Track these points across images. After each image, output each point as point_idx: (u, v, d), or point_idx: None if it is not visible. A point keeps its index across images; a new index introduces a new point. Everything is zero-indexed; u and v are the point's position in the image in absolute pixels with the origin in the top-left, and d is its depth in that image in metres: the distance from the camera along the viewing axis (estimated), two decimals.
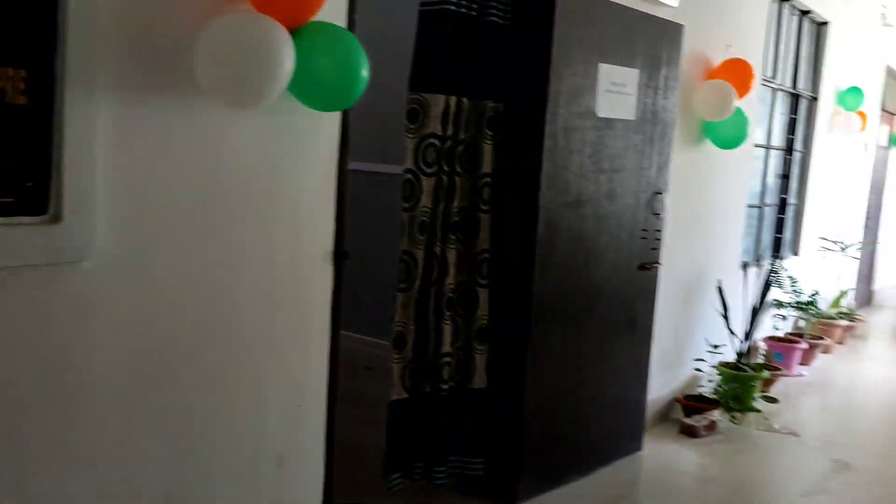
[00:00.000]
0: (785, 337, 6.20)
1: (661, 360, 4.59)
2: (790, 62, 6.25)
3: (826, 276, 7.26)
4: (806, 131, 6.71)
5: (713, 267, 5.14)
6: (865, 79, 7.76)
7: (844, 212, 7.93)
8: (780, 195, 6.49)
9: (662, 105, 3.98)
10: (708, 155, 4.86)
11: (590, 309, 3.76)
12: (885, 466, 4.34)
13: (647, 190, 3.97)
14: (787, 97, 6.34)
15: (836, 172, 7.46)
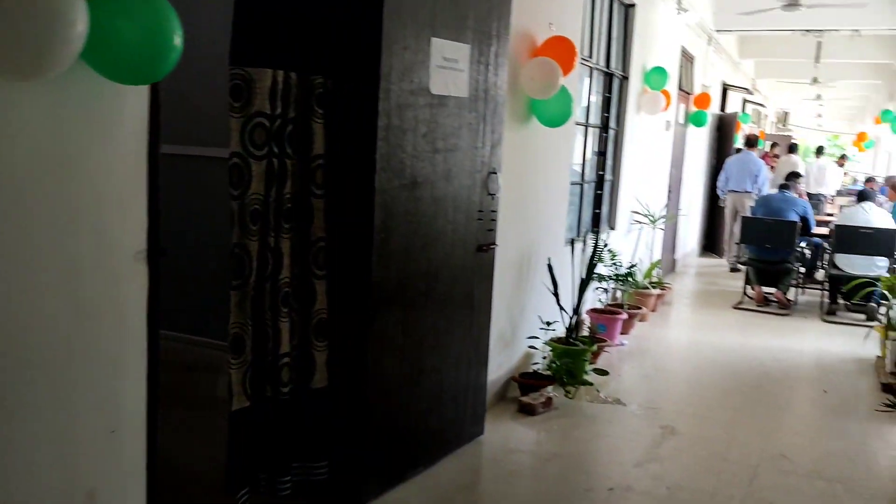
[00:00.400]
0: (606, 308, 6.43)
1: (498, 340, 4.56)
2: (603, 42, 6.43)
3: (639, 247, 7.64)
4: (619, 109, 6.97)
5: (542, 245, 5.19)
6: (666, 60, 8.21)
7: (652, 187, 8.38)
8: (598, 172, 6.70)
9: (494, 82, 3.89)
10: (535, 133, 4.86)
11: (429, 294, 3.61)
12: (705, 428, 4.57)
13: (481, 170, 3.87)
14: (602, 76, 6.54)
15: (645, 149, 7.84)
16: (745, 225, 8.29)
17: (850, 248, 7.65)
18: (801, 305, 8.25)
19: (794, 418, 4.89)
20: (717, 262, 11.65)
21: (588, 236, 6.24)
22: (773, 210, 8.22)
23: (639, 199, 7.68)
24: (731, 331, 7.21)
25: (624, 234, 7.36)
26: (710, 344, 6.67)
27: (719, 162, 12.07)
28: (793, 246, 7.97)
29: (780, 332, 7.22)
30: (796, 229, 7.91)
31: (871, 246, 7.56)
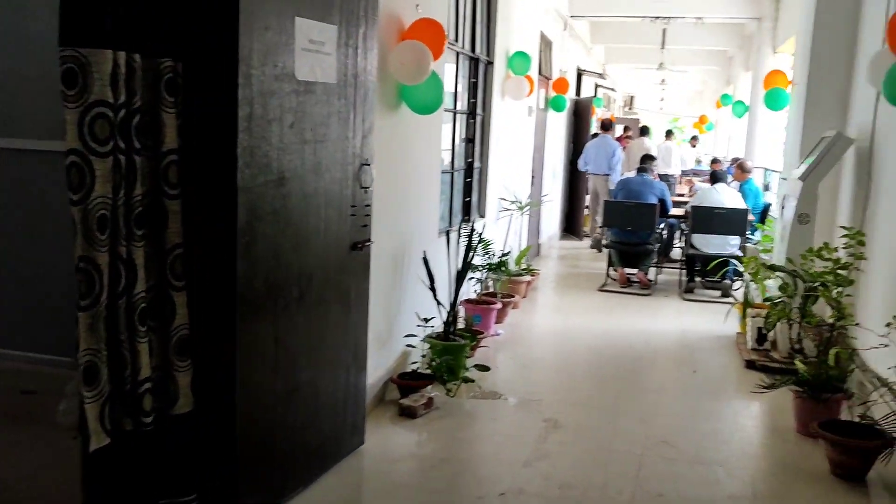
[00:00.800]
0: (480, 298, 6.32)
1: (375, 340, 4.30)
2: (468, 26, 6.27)
3: (509, 234, 7.58)
4: (485, 95, 6.85)
5: (416, 238, 4.97)
6: (527, 44, 8.18)
7: (518, 173, 8.36)
8: (467, 159, 6.55)
9: (363, 67, 3.60)
10: (405, 120, 4.62)
11: (302, 299, 3.30)
12: (587, 418, 4.53)
13: (353, 162, 3.59)
14: (468, 61, 6.38)
15: (510, 135, 7.79)
16: (608, 209, 8.44)
17: (706, 229, 7.94)
18: (660, 284, 8.50)
19: (669, 401, 4.95)
20: (578, 244, 11.92)
21: (461, 226, 6.08)
22: (632, 193, 8.41)
23: (506, 185, 7.63)
24: (600, 314, 7.30)
25: (494, 222, 7.28)
26: (582, 328, 6.71)
27: (577, 146, 12.33)
28: (653, 228, 8.19)
29: (646, 313, 7.39)
30: (656, 211, 8.13)
31: (724, 225, 7.88)
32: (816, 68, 6.02)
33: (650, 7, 11.21)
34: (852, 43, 5.85)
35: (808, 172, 5.43)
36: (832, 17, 5.92)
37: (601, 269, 8.98)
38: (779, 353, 5.59)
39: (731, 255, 7.92)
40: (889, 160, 4.78)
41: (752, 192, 9.03)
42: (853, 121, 5.74)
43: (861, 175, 5.29)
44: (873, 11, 5.43)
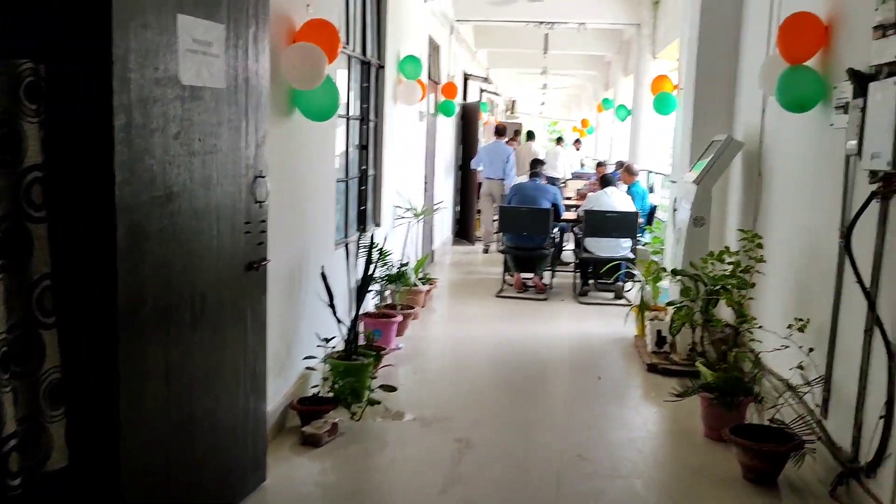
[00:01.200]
0: (380, 312, 6.07)
1: (273, 365, 3.98)
2: (359, 29, 6.01)
3: (407, 243, 7.37)
4: (377, 100, 6.61)
5: (313, 251, 4.68)
6: (417, 48, 8.01)
7: (411, 179, 8.16)
8: (361, 167, 6.29)
9: (255, 70, 3.30)
10: (298, 127, 4.32)
11: (196, 326, 2.97)
12: (500, 435, 4.37)
13: (247, 174, 3.27)
14: (360, 65, 6.12)
15: (403, 141, 7.58)
16: (503, 215, 8.37)
17: (599, 232, 8.00)
18: (555, 288, 8.52)
19: (579, 411, 4.87)
20: (470, 248, 11.85)
21: (360, 237, 5.81)
22: (527, 198, 8.39)
23: (400, 192, 7.42)
24: (500, 321, 7.21)
25: (390, 230, 7.05)
26: (484, 337, 6.58)
27: (466, 150, 12.28)
28: (548, 232, 8.18)
29: (545, 318, 7.36)
30: (550, 216, 8.13)
31: (616, 229, 7.97)
32: (703, 74, 6.15)
33: (534, 12, 11.28)
34: (735, 49, 6.00)
35: (702, 176, 5.50)
36: (715, 24, 6.05)
37: (496, 275, 8.92)
38: (678, 356, 5.64)
39: (624, 257, 8.03)
40: (778, 162, 4.90)
41: (640, 195, 9.21)
42: (740, 124, 5.88)
43: (751, 177, 5.41)
44: (755, 18, 5.57)
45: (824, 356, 3.87)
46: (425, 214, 7.93)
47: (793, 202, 4.57)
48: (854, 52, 3.76)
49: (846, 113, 3.59)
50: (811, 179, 4.28)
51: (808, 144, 4.34)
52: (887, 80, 3.05)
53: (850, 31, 3.86)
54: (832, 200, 3.90)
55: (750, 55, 5.70)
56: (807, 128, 4.35)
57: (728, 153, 5.47)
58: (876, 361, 3.35)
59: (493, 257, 10.44)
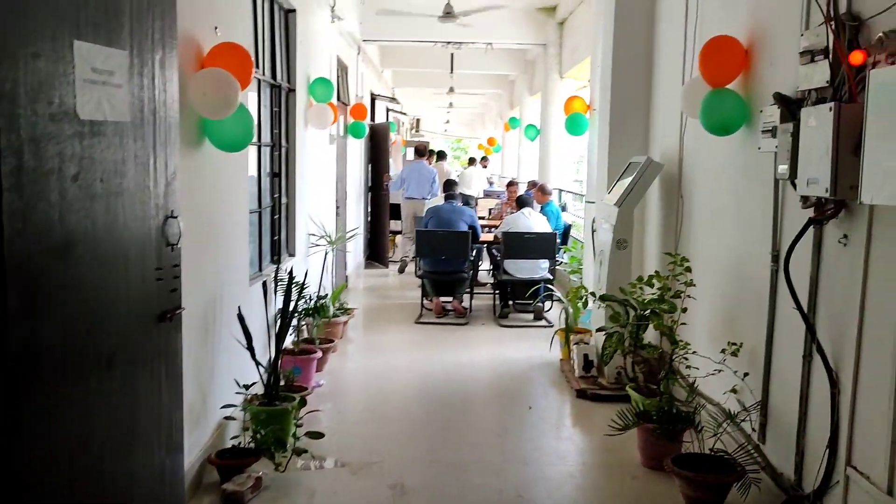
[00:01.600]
0: (299, 348, 5.75)
1: (189, 417, 3.65)
2: (268, 51, 5.73)
3: (320, 271, 7.08)
4: (288, 125, 6.32)
5: (227, 290, 4.35)
6: (327, 70, 7.76)
7: (324, 204, 7.88)
8: (274, 195, 5.98)
9: (163, 100, 3.00)
10: (209, 159, 4.01)
11: (103, 388, 2.64)
12: (434, 477, 4.16)
13: (157, 215, 2.97)
14: (270, 89, 5.83)
15: (315, 166, 7.30)
16: (420, 238, 8.19)
17: (517, 254, 7.93)
18: (474, 311, 8.39)
19: (513, 445, 4.70)
20: (384, 271, 11.62)
21: (277, 268, 5.49)
22: (443, 221, 8.24)
23: (314, 219, 7.13)
24: (423, 349, 7.01)
25: (304, 259, 6.75)
26: (408, 368, 6.36)
27: (375, 171, 12.06)
28: (466, 255, 8.05)
29: (467, 344, 7.20)
30: (468, 239, 8.00)
31: (535, 250, 7.92)
32: (617, 96, 6.16)
33: (441, 33, 11.22)
34: (649, 71, 6.04)
35: (623, 198, 5.48)
36: (629, 47, 6.08)
37: (414, 299, 8.74)
38: (606, 380, 5.58)
39: (543, 278, 7.98)
40: (700, 184, 4.91)
41: (554, 214, 9.21)
42: (657, 145, 5.91)
43: (671, 199, 5.42)
44: (669, 41, 5.61)
45: (759, 381, 3.84)
46: (339, 242, 7.65)
47: (717, 225, 4.57)
48: (776, 77, 3.78)
49: (774, 137, 3.58)
50: (737, 203, 4.28)
51: (733, 168, 4.35)
52: (821, 106, 3.04)
53: (771, 56, 3.88)
54: (761, 224, 3.89)
55: (665, 77, 5.74)
56: (730, 151, 4.36)
57: (648, 175, 5.46)
58: (816, 388, 3.33)
59: (409, 280, 10.27)
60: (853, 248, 3.06)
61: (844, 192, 2.94)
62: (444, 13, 7.43)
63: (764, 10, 3.99)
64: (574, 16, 10.35)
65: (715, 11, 4.72)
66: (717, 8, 4.69)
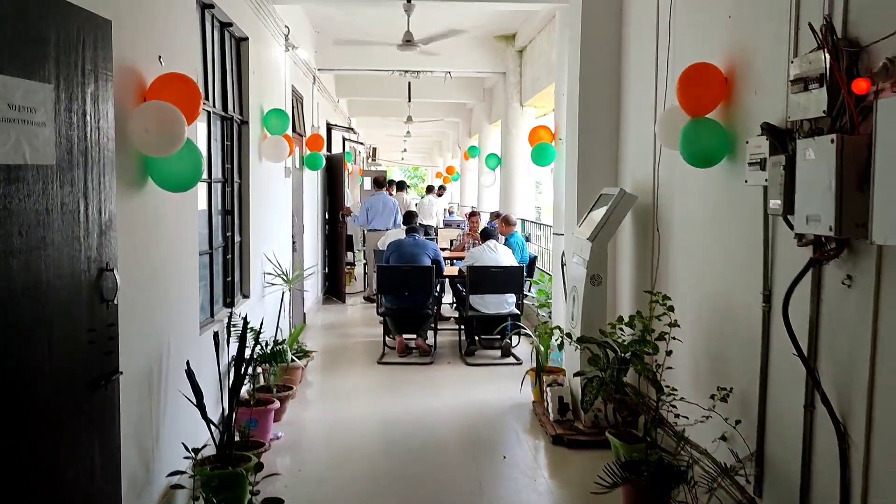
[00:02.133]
0: (254, 398, 5.34)
1: (129, 489, 3.27)
2: (219, 81, 5.39)
3: (276, 312, 6.69)
4: (241, 159, 5.97)
5: (174, 344, 3.97)
6: (281, 101, 7.44)
7: (280, 241, 7.52)
8: (226, 233, 5.61)
9: (96, 139, 2.66)
10: (153, 201, 3.66)
11: (25, 469, 2.26)
12: None
13: (89, 269, 2.61)
14: (220, 121, 5.48)
15: (270, 201, 6.95)
16: (382, 274, 7.85)
17: (484, 289, 7.64)
18: (439, 348, 8.06)
19: None
20: (342, 307, 11.24)
21: (230, 315, 5.11)
22: (406, 255, 7.92)
23: (269, 257, 6.76)
24: (387, 393, 6.65)
25: (259, 300, 6.37)
26: (373, 416, 5.99)
27: (332, 203, 11.72)
28: (431, 291, 7.73)
29: (434, 386, 6.87)
30: (433, 273, 7.69)
31: (502, 284, 7.64)
32: (586, 125, 5.94)
33: (399, 61, 11.00)
34: (617, 100, 5.85)
35: (596, 232, 5.23)
36: (596, 76, 5.88)
37: (375, 337, 8.39)
38: (583, 424, 5.29)
39: (510, 313, 7.70)
40: (677, 218, 4.68)
41: (519, 246, 8.97)
42: (627, 176, 5.69)
43: (646, 233, 5.19)
44: (638, 69, 5.43)
45: (753, 429, 3.59)
46: (297, 281, 7.27)
47: (699, 262, 4.34)
48: (762, 106, 3.58)
49: (763, 169, 3.37)
50: (721, 239, 4.06)
51: (715, 201, 4.13)
52: (822, 138, 2.81)
53: (754, 83, 3.67)
54: (748, 262, 3.67)
55: (635, 106, 5.54)
56: (711, 184, 4.14)
57: (621, 207, 5.23)
58: (821, 441, 3.08)
59: (370, 315, 9.91)
60: (859, 290, 2.82)
61: (850, 231, 2.71)
62: (404, 41, 7.19)
63: (744, 35, 3.80)
64: (533, 44, 10.22)
65: (689, 37, 4.53)
66: (690, 34, 4.51)
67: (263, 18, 6.54)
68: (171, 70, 3.68)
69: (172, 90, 3.49)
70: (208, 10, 4.98)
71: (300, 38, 8.89)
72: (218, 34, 5.40)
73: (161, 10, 3.77)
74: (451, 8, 9.26)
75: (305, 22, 9.79)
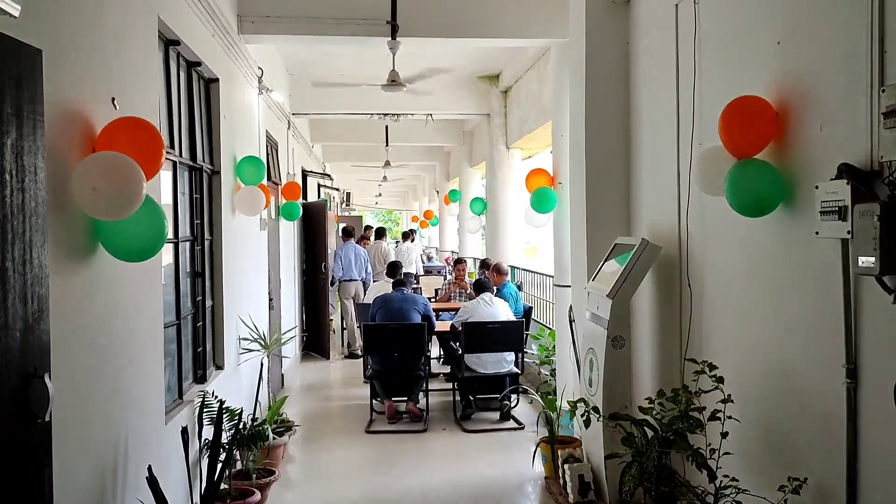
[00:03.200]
0: (231, 489, 4.61)
1: None
2: (186, 126, 4.77)
3: (257, 383, 5.97)
4: (212, 213, 5.33)
5: (132, 442, 3.27)
6: (255, 147, 6.84)
7: (256, 301, 6.84)
8: (196, 298, 4.93)
9: (20, 202, 2.02)
10: (106, 272, 3.00)
11: None
12: None
13: (9, 378, 1.94)
14: (188, 172, 4.85)
15: (245, 257, 6.29)
16: (368, 334, 7.17)
17: (481, 347, 6.99)
18: (431, 410, 7.36)
19: None
20: (323, 364, 10.50)
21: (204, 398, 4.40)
22: (394, 312, 7.27)
23: (245, 319, 6.07)
24: (379, 470, 5.94)
25: (234, 370, 5.67)
26: (363, 499, 5.28)
27: (311, 253, 11.09)
28: (422, 350, 7.06)
29: (430, 459, 6.17)
30: (424, 332, 7.04)
31: (500, 342, 7.00)
32: (594, 167, 5.39)
33: (379, 103, 10.47)
34: (626, 140, 5.32)
35: (617, 288, 4.64)
36: (604, 114, 5.36)
37: (361, 399, 7.71)
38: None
39: (510, 372, 7.06)
40: (716, 273, 4.10)
41: (513, 297, 8.36)
42: (642, 223, 5.13)
43: (671, 288, 4.61)
44: (654, 105, 4.91)
45: None
46: (274, 346, 6.56)
47: (746, 326, 3.75)
48: (830, 144, 3.04)
49: (843, 219, 2.81)
50: (777, 299, 3.48)
51: (766, 255, 3.55)
52: None
53: (820, 117, 3.13)
54: (820, 329, 3.10)
55: (650, 147, 5.00)
56: (759, 234, 3.58)
57: (644, 260, 4.65)
58: None
59: (354, 374, 9.22)
60: None
61: None
62: (389, 80, 6.64)
63: (800, 62, 3.28)
64: (519, 84, 9.75)
65: (722, 69, 4.01)
66: (724, 65, 3.98)
67: (235, 58, 5.96)
68: (128, 114, 3.06)
69: (128, 138, 2.86)
70: (173, 46, 4.38)
71: (274, 80, 8.32)
72: (185, 74, 4.79)
73: (114, 42, 3.16)
74: (434, 46, 8.77)
75: (279, 64, 9.24)
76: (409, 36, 6.34)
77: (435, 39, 6.58)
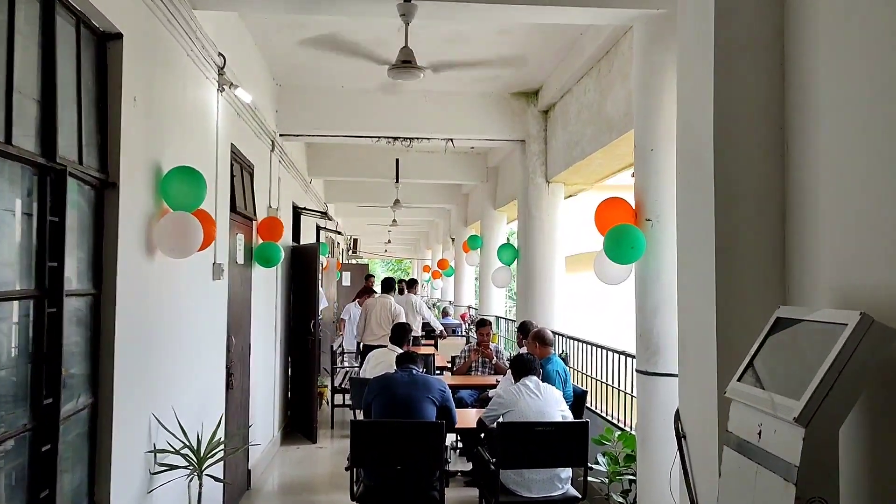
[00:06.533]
0: None
1: None
2: (35, 93, 2.66)
3: None
4: (97, 251, 3.18)
5: None
6: (199, 159, 4.76)
7: (195, 385, 4.66)
8: (43, 400, 2.75)
9: None
10: None
11: None
12: None
13: None
14: (30, 177, 2.71)
15: (174, 321, 4.13)
16: (357, 434, 4.88)
17: (525, 459, 4.73)
18: None
19: None
20: (310, 450, 8.25)
21: None
22: (398, 401, 5.04)
23: (161, 420, 3.89)
24: None
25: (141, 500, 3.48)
26: None
27: (301, 309, 8.96)
28: (439, 459, 4.81)
29: None
30: (441, 433, 4.79)
31: (553, 451, 4.74)
32: (726, 194, 3.24)
33: (386, 125, 8.45)
34: (781, 150, 3.19)
35: (815, 407, 2.44)
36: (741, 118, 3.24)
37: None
38: None
39: (565, 497, 4.81)
40: None
41: (561, 377, 6.14)
42: (820, 281, 2.96)
43: None
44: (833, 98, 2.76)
45: None
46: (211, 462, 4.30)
47: None
48: None
49: None
50: None
51: None
52: None
53: None
54: None
55: (842, 153, 2.85)
56: None
57: (865, 353, 2.45)
58: None
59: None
60: None
61: None
62: (400, 61, 4.59)
63: None
64: (567, 100, 7.68)
65: None
66: None
67: (165, 18, 3.90)
68: None
69: None
70: None
71: (251, 83, 6.29)
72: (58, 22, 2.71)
73: None
74: (457, 45, 6.74)
75: (261, 67, 7.22)
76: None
77: (468, 5, 4.49)
